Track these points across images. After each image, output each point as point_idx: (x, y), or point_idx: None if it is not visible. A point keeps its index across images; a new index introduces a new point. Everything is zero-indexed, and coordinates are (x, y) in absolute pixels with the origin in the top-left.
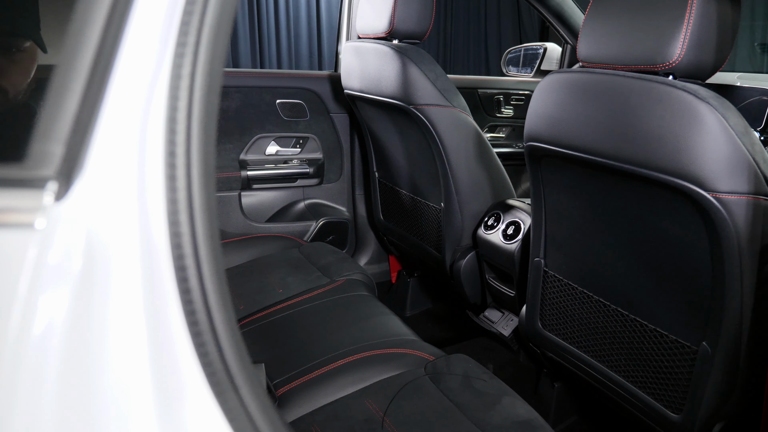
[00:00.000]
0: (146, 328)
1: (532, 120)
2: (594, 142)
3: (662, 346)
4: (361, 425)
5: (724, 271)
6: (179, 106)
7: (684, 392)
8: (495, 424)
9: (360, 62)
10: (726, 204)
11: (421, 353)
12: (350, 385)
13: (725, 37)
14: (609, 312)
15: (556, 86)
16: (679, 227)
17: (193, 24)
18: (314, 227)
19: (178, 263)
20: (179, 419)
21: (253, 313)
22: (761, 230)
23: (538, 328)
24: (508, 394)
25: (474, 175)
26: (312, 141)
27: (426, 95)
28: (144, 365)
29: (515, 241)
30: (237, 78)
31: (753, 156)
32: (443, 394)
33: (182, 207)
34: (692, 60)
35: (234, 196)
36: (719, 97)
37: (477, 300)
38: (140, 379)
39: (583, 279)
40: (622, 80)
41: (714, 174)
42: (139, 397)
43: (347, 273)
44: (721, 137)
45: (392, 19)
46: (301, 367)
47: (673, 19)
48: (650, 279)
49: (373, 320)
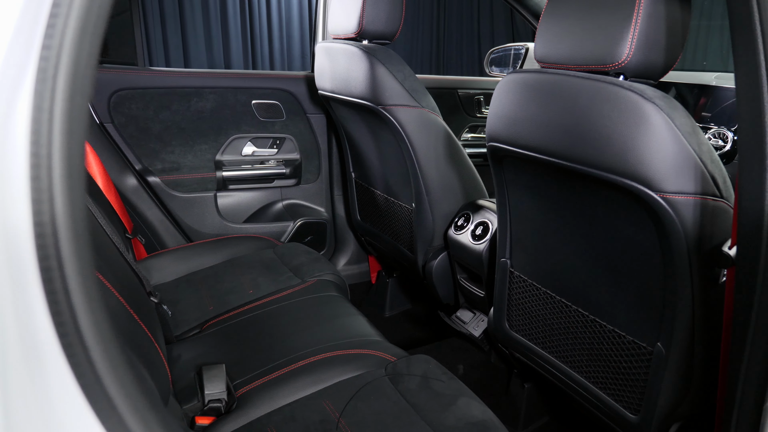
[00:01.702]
0: (16, 329)
1: (491, 120)
2: (548, 143)
3: (620, 347)
4: (316, 426)
5: (675, 271)
6: (44, 107)
7: (641, 393)
8: (448, 425)
9: (330, 63)
10: (673, 204)
11: (383, 354)
12: (310, 386)
13: (675, 37)
14: (570, 312)
15: (512, 87)
16: (631, 227)
17: (57, 27)
18: (291, 228)
19: (43, 264)
20: (50, 417)
21: (222, 313)
22: (710, 231)
23: (505, 328)
24: (465, 395)
25: (444, 176)
26: (289, 141)
27: (394, 95)
28: (12, 363)
29: (483, 241)
30: (211, 78)
31: (700, 156)
32: (401, 395)
33: (46, 208)
34: (641, 60)
35: (210, 197)
36: (666, 97)
37: (450, 300)
38: (8, 376)
39: (546, 279)
40: (572, 80)
41: (660, 174)
42: (5, 398)
43: (318, 273)
44: (667, 137)
45: (361, 20)
46: (262, 368)
47: (622, 19)
48: (607, 279)
49: (339, 321)
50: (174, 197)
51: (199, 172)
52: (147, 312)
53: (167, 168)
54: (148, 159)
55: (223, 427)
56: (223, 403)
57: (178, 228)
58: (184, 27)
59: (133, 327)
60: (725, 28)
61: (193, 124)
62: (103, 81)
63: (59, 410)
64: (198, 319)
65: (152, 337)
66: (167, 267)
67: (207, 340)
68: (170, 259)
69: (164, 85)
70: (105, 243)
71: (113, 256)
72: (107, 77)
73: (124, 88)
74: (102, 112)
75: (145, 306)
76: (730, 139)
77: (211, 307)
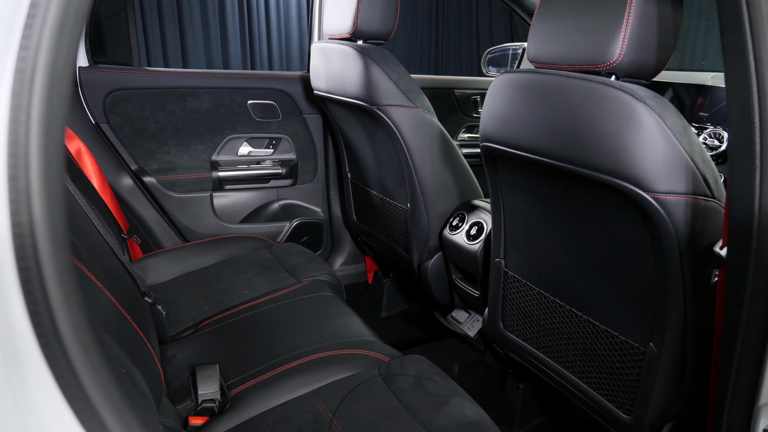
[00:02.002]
0: None
1: (484, 120)
2: (540, 143)
3: (613, 347)
4: (308, 426)
5: (666, 271)
6: (21, 107)
7: (634, 393)
8: (441, 425)
9: (325, 63)
10: (664, 204)
11: (377, 354)
12: (304, 386)
13: (666, 37)
14: (564, 312)
15: (505, 86)
16: (623, 227)
17: (35, 27)
18: (288, 228)
19: (21, 264)
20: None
21: (217, 313)
22: (702, 231)
23: (499, 328)
24: (457, 395)
25: (439, 176)
26: (285, 142)
27: (388, 95)
28: None
29: (478, 241)
30: (207, 79)
31: (691, 156)
32: (394, 395)
33: (23, 208)
34: (633, 60)
35: (206, 197)
36: (658, 97)
37: (446, 300)
38: None
39: (540, 279)
40: (564, 80)
41: (651, 174)
42: None
43: (313, 274)
44: (657, 137)
45: (356, 20)
46: (256, 368)
47: (613, 19)
48: (600, 279)
49: (333, 321)
50: (170, 197)
51: (195, 172)
52: (140, 312)
53: (163, 168)
54: (144, 159)
55: (216, 427)
56: (216, 403)
57: (174, 228)
58: (183, 27)
59: (125, 327)
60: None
61: (189, 125)
62: (98, 81)
63: (38, 410)
64: (193, 319)
65: (144, 337)
66: (163, 267)
67: (201, 340)
68: (166, 260)
69: (160, 85)
70: (98, 244)
71: (107, 257)
72: (103, 77)
73: (120, 88)
74: (97, 112)
75: (139, 306)
76: (726, 139)
77: (206, 307)
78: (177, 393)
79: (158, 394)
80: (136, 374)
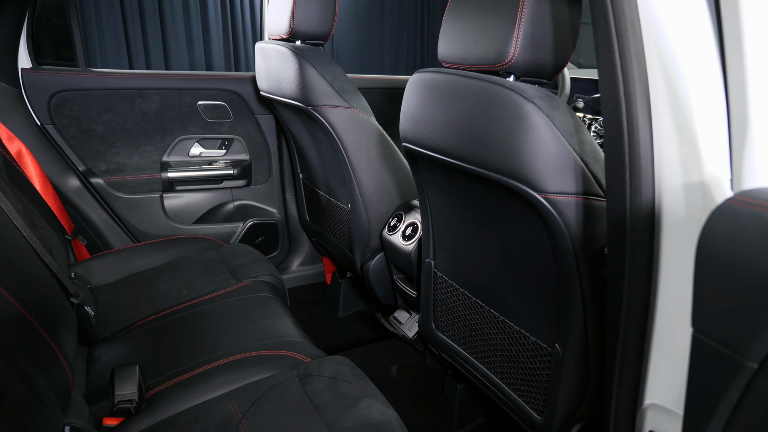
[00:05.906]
0: None
1: (401, 120)
2: (445, 143)
3: (525, 347)
4: (217, 428)
5: (564, 271)
6: None
7: (545, 394)
8: (346, 426)
9: (265, 63)
10: (555, 204)
11: (298, 355)
12: (221, 387)
13: (563, 36)
14: (484, 313)
15: (416, 86)
16: (525, 228)
17: None
18: (241, 229)
19: None
20: None
21: (153, 314)
22: (594, 231)
23: (432, 329)
24: (368, 396)
25: (378, 176)
26: (237, 142)
27: (323, 96)
28: None
29: (412, 241)
30: (154, 80)
31: (582, 156)
32: (307, 396)
33: None
34: (528, 59)
35: (155, 198)
36: (549, 97)
37: (390, 301)
38: None
39: (464, 280)
40: (463, 80)
41: (541, 174)
42: None
43: (254, 274)
44: (546, 137)
45: (292, 21)
46: (176, 369)
47: (507, 18)
48: (512, 280)
49: (264, 322)
50: (118, 198)
51: (144, 173)
52: (56, 314)
53: (111, 169)
54: (92, 160)
55: (130, 427)
56: (133, 404)
57: (125, 229)
58: (165, 29)
59: (26, 330)
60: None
61: (138, 126)
62: (42, 82)
63: None
64: (129, 320)
65: (50, 338)
66: (109, 268)
67: (130, 341)
68: (113, 260)
69: (106, 86)
70: (13, 246)
71: (21, 259)
72: (46, 78)
73: (65, 89)
74: (42, 113)
75: (55, 308)
76: None
77: (143, 308)
78: (95, 394)
79: (65, 395)
80: (37, 376)
